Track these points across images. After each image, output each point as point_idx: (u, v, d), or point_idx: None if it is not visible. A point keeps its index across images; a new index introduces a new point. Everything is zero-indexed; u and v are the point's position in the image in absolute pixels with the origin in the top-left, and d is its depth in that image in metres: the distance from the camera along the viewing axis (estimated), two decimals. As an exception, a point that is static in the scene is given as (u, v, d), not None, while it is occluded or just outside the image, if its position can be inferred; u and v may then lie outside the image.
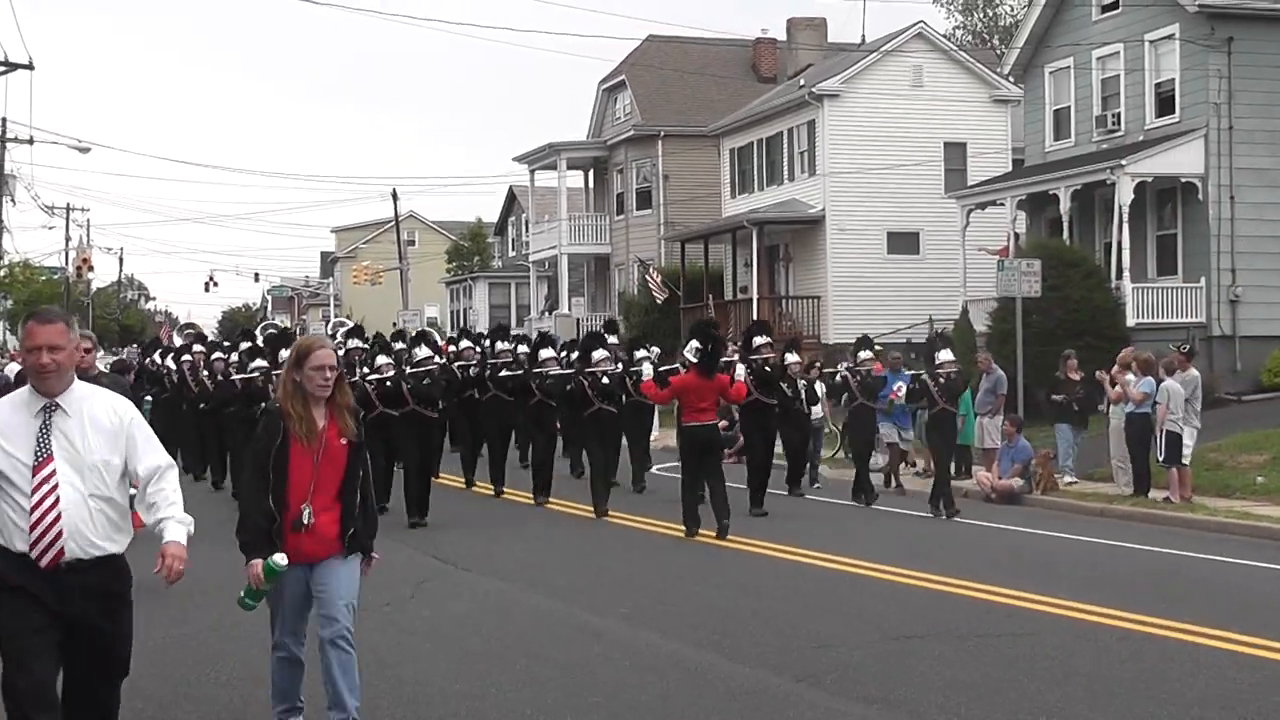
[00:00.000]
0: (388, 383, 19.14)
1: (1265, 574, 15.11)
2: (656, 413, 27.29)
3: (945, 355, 20.43)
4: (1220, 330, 31.52)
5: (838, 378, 23.68)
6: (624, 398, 21.60)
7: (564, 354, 23.23)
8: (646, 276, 47.65)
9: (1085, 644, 10.73)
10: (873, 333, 26.99)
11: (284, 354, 15.86)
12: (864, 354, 22.92)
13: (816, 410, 23.98)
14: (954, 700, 8.85)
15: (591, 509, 19.15)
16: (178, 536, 6.51)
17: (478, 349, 23.76)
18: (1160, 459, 20.91)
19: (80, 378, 7.30)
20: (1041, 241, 34.96)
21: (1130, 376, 21.64)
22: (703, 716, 8.56)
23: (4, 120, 51.28)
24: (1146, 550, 16.59)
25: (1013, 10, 65.88)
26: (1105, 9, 35.25)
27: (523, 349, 22.92)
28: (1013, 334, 26.92)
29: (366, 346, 21.85)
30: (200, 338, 28.31)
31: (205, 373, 23.22)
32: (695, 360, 17.93)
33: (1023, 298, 27.09)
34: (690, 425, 17.59)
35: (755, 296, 43.21)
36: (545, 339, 24.28)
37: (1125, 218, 32.32)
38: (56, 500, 6.32)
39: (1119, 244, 32.51)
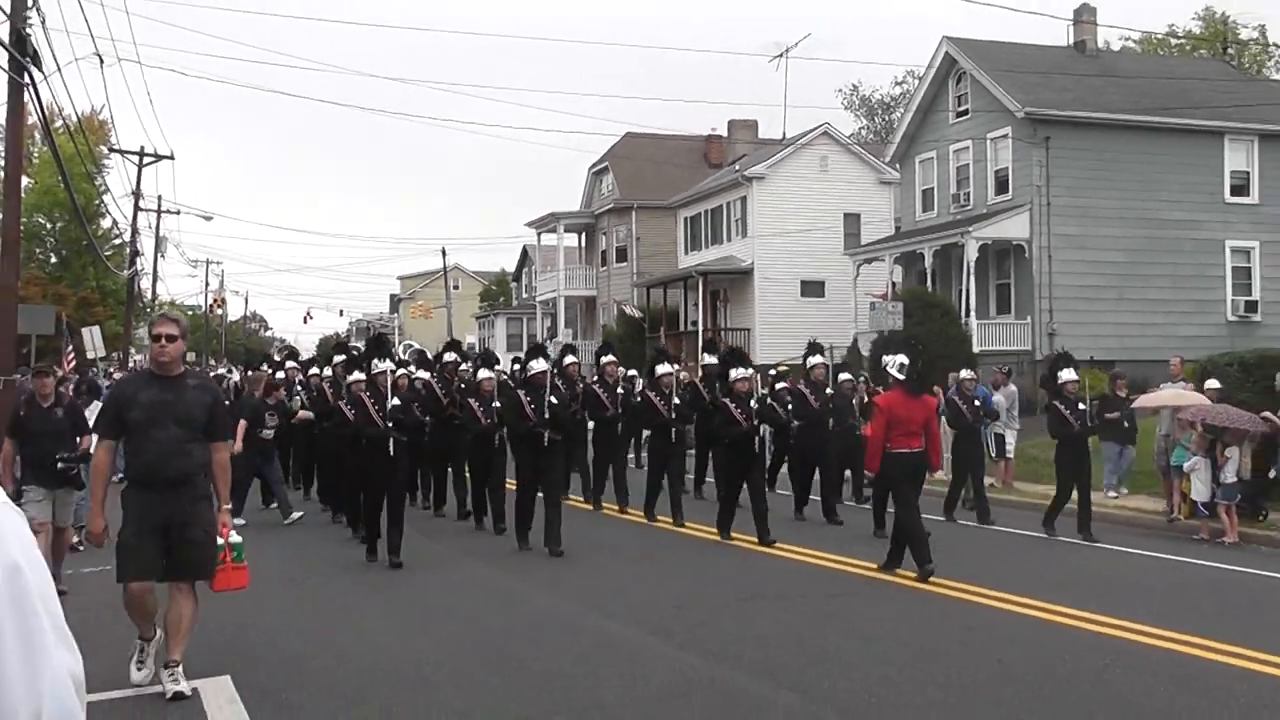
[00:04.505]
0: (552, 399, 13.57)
1: (1058, 545, 14.71)
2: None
3: (1068, 375, 15.01)
4: (1041, 356, 31.10)
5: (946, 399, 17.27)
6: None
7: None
8: (623, 307, 47.59)
9: (887, 601, 10.37)
10: (789, 358, 26.60)
11: (378, 364, 13.22)
12: (965, 373, 17.61)
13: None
14: (768, 650, 8.41)
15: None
16: None
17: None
18: (992, 455, 20.58)
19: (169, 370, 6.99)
20: (912, 288, 34.80)
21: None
22: (570, 662, 8.05)
23: (159, 198, 52.01)
24: (966, 526, 16.10)
25: (901, 116, 65.90)
26: (959, 115, 35.24)
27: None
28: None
29: (464, 362, 18.05)
30: (292, 354, 24.21)
31: (300, 389, 18.62)
32: (901, 378, 12.50)
33: (890, 330, 26.96)
34: (899, 452, 11.99)
35: (701, 329, 42.89)
36: (663, 355, 17.99)
37: (972, 271, 32.19)
38: None
39: (967, 290, 32.34)
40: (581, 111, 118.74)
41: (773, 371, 21.50)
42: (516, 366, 20.89)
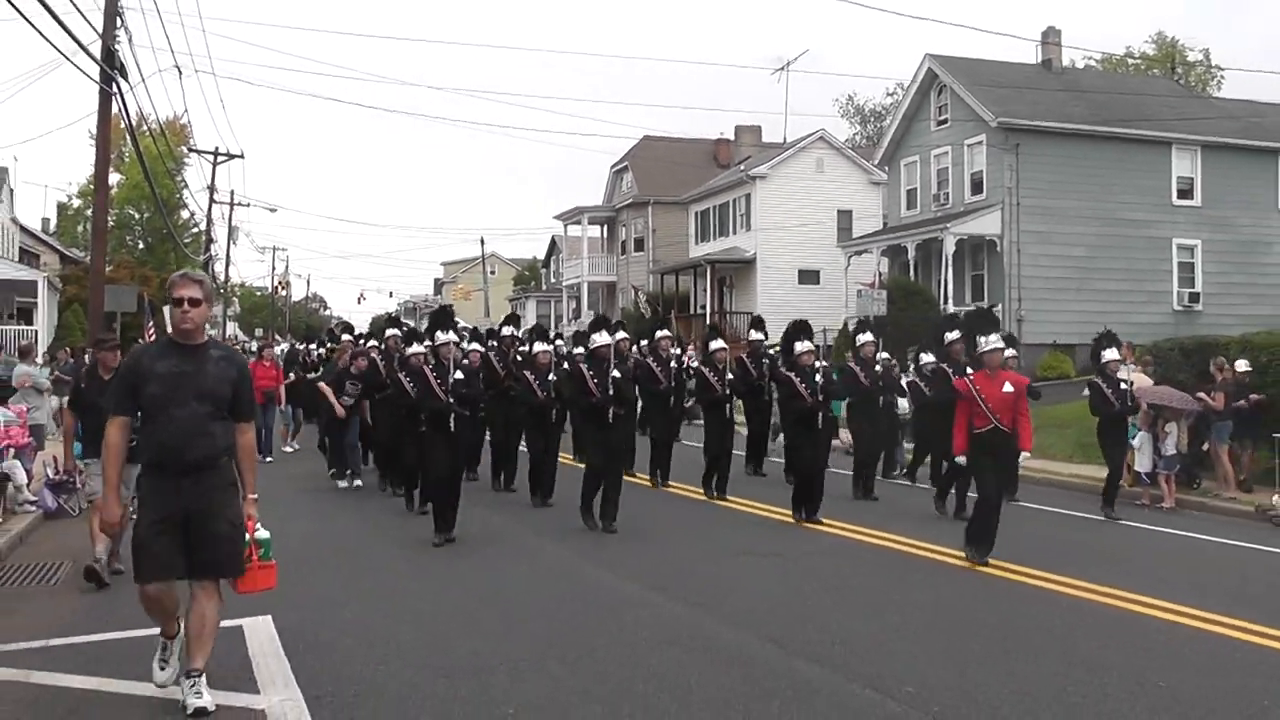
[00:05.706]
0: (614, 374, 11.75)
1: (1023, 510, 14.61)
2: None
3: (1111, 354, 13.56)
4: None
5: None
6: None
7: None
8: (639, 299, 47.55)
9: (851, 559, 10.35)
10: (782, 338, 26.33)
11: (442, 336, 11.43)
12: (1009, 352, 12.91)
13: (903, 404, 17.35)
14: (746, 602, 8.39)
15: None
16: None
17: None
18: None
19: (191, 339, 5.68)
20: (896, 278, 34.61)
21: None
22: (570, 614, 8.03)
23: (232, 192, 52.50)
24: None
25: (889, 124, 65.47)
26: (939, 123, 34.89)
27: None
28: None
29: (520, 335, 16.27)
30: (347, 329, 22.25)
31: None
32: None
33: (874, 315, 26.83)
34: (981, 431, 10.14)
35: (709, 312, 42.86)
36: (715, 331, 16.73)
37: (950, 263, 31.96)
38: None
39: (946, 280, 32.13)
40: (605, 117, 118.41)
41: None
42: (559, 342, 19.60)
